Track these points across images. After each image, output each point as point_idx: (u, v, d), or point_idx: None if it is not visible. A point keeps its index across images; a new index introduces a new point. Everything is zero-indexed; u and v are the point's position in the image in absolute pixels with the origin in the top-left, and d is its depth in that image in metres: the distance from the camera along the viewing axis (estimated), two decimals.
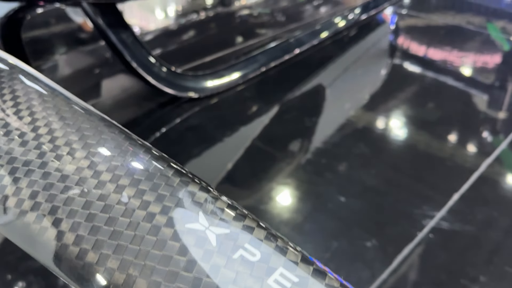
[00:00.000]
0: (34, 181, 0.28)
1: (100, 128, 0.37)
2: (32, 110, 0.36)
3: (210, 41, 1.79)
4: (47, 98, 0.39)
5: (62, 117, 0.35)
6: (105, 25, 1.14)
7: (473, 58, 1.68)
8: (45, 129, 0.33)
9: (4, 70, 0.40)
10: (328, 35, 1.67)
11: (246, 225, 0.24)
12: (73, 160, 0.30)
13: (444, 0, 2.39)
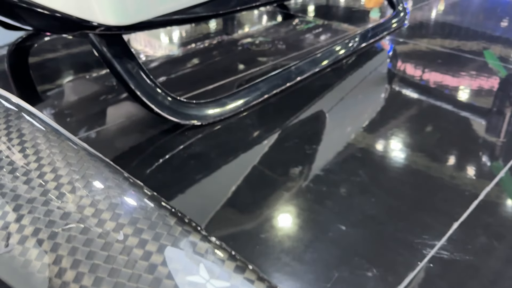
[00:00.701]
0: (37, 218, 0.29)
1: (91, 164, 0.39)
2: (36, 149, 0.37)
3: (213, 68, 1.83)
4: (48, 138, 0.41)
5: (62, 157, 0.37)
6: (111, 55, 1.17)
7: (471, 84, 1.71)
8: (46, 168, 0.35)
9: (8, 109, 0.42)
10: (327, 63, 1.70)
11: (247, 277, 0.25)
12: (72, 199, 0.31)
13: (441, 27, 2.44)
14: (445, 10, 2.82)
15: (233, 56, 1.97)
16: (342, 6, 2.82)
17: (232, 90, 1.55)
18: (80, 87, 1.67)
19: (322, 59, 1.70)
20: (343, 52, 1.80)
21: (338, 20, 2.50)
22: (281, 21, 2.45)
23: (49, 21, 1.13)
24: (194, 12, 1.25)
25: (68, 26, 1.14)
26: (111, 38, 1.19)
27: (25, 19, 1.17)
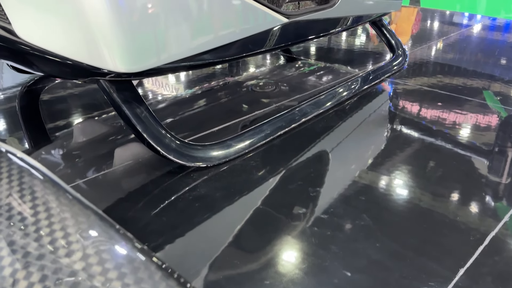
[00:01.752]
0: (31, 273, 0.30)
1: (84, 218, 0.41)
2: (33, 203, 0.39)
3: (219, 109, 1.87)
4: (46, 192, 0.42)
5: (57, 212, 0.39)
6: (120, 100, 1.21)
7: (471, 125, 1.74)
8: (43, 223, 0.36)
9: (11, 163, 0.44)
10: (330, 105, 1.75)
11: None
12: (65, 253, 0.32)
13: (440, 68, 2.51)
14: (444, 51, 2.90)
15: (238, 97, 2.02)
16: (343, 49, 2.91)
17: (236, 131, 1.58)
18: (89, 128, 1.71)
19: (325, 101, 1.74)
20: (345, 95, 1.84)
21: (339, 62, 2.57)
22: (284, 63, 2.52)
23: (60, 67, 1.17)
24: (202, 58, 1.30)
25: (78, 72, 1.18)
26: (121, 83, 1.23)
27: (36, 66, 1.22)
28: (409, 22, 3.90)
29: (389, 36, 2.20)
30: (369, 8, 1.92)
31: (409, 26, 3.75)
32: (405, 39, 3.26)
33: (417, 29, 3.73)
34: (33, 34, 1.03)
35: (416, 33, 3.55)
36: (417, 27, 3.79)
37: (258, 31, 1.41)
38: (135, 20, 1.05)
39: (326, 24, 1.77)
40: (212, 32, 1.25)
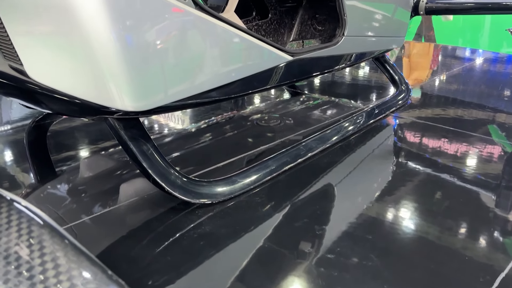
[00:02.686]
0: None
1: (76, 265, 0.41)
2: (30, 249, 0.40)
3: (224, 144, 1.89)
4: (42, 239, 0.43)
5: (51, 258, 0.39)
6: (127, 137, 1.23)
7: (476, 159, 1.73)
8: (37, 269, 0.37)
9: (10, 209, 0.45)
10: (335, 140, 1.76)
11: None
12: None
13: (444, 103, 2.53)
14: (448, 85, 2.93)
15: (243, 131, 2.04)
16: (346, 82, 2.95)
17: (242, 166, 1.59)
18: (95, 163, 1.73)
19: (330, 137, 1.75)
20: (349, 130, 1.85)
21: (343, 96, 2.60)
22: (289, 97, 2.56)
23: (68, 106, 1.20)
24: (209, 96, 1.32)
25: (87, 111, 1.20)
26: (128, 121, 1.25)
27: (45, 104, 1.25)
28: (425, 57, 3.95)
29: (392, 71, 2.24)
30: (371, 45, 1.96)
31: (425, 62, 3.80)
32: (419, 73, 3.31)
33: (429, 64, 3.79)
34: (43, 74, 1.06)
35: (427, 67, 3.61)
36: (430, 62, 3.85)
37: (264, 69, 1.44)
38: (143, 61, 1.08)
39: (330, 61, 1.81)
40: (218, 70, 1.28)
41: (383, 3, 1.92)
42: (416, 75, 3.28)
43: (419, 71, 3.45)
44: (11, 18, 0.99)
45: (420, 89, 2.72)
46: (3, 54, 1.06)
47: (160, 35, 1.10)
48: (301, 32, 2.26)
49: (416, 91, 2.63)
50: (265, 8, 2.20)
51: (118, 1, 0.99)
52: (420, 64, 3.74)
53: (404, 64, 3.65)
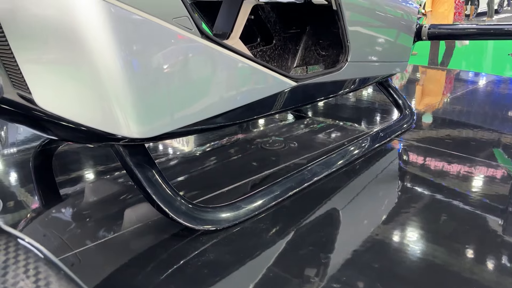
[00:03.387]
0: None
1: None
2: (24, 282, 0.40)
3: (229, 167, 1.89)
4: (39, 271, 0.43)
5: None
6: (132, 164, 1.24)
7: (481, 183, 1.72)
8: None
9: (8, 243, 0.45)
10: (339, 165, 1.75)
11: None
12: None
13: (448, 125, 2.53)
14: (452, 107, 2.94)
15: (248, 155, 2.05)
16: (350, 105, 2.97)
17: (246, 191, 1.59)
18: (100, 187, 1.73)
19: (334, 161, 1.75)
20: (354, 154, 1.85)
21: (347, 120, 2.61)
22: (293, 121, 2.57)
23: (75, 133, 1.21)
24: (214, 122, 1.33)
25: (93, 138, 1.22)
26: (134, 147, 1.26)
27: (51, 131, 1.26)
28: (430, 81, 3.96)
29: (395, 96, 2.25)
30: (375, 70, 1.98)
31: (430, 85, 3.81)
32: (423, 96, 3.33)
33: (435, 87, 3.81)
34: (51, 102, 1.08)
35: (432, 91, 3.62)
36: (435, 85, 3.87)
37: (268, 94, 1.46)
38: (149, 89, 1.09)
39: (334, 87, 1.82)
40: (223, 96, 1.29)
41: (386, 29, 1.95)
42: (421, 98, 3.29)
43: (423, 94, 3.47)
44: (20, 47, 1.01)
45: (424, 112, 2.72)
46: (12, 83, 1.08)
47: (166, 63, 1.12)
48: (305, 58, 2.29)
49: (420, 114, 2.63)
50: (270, 35, 2.24)
51: (125, 30, 1.02)
52: (425, 87, 3.76)
53: (408, 87, 3.66)
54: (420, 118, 2.54)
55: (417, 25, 2.15)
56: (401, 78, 3.86)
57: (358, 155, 1.87)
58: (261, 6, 2.08)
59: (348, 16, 1.67)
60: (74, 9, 0.97)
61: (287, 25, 2.27)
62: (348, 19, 1.67)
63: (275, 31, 2.25)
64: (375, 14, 1.85)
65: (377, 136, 2.01)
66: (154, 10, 1.07)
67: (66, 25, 0.98)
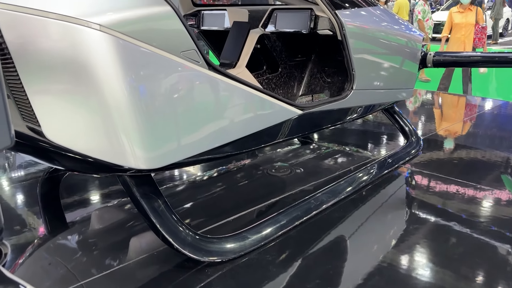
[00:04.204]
0: None
1: None
2: None
3: (235, 195, 1.88)
4: None
5: None
6: (139, 194, 1.24)
7: (489, 210, 1.70)
8: None
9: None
10: (346, 193, 1.74)
11: None
12: None
13: (456, 151, 2.51)
14: (459, 134, 2.93)
15: (254, 181, 2.04)
16: (356, 130, 2.96)
17: (252, 219, 1.58)
18: (106, 214, 1.73)
19: (340, 190, 1.74)
20: (360, 182, 1.85)
21: (354, 145, 2.61)
22: (299, 146, 2.57)
23: (82, 164, 1.22)
24: (220, 151, 1.34)
25: (100, 169, 1.23)
26: (140, 178, 1.27)
27: (58, 162, 1.27)
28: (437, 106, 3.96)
29: (402, 122, 2.25)
30: (380, 97, 1.99)
31: (438, 110, 3.81)
32: (431, 122, 3.33)
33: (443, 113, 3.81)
34: (60, 135, 1.09)
35: (439, 116, 3.62)
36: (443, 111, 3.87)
37: (274, 123, 1.47)
38: (156, 121, 1.11)
39: (339, 114, 1.83)
40: (230, 126, 1.30)
41: (390, 57, 1.97)
42: (428, 123, 3.29)
43: (430, 119, 3.46)
44: (31, 80, 1.04)
45: (430, 137, 2.72)
46: (22, 116, 1.10)
47: (174, 96, 1.14)
48: (311, 85, 2.31)
49: (427, 141, 2.62)
50: (275, 62, 2.27)
51: (134, 64, 1.04)
52: (432, 112, 3.76)
53: (416, 112, 3.67)
54: (427, 143, 2.53)
55: (422, 53, 2.17)
56: (412, 103, 3.86)
57: (365, 183, 1.86)
58: (267, 35, 2.11)
59: (353, 46, 1.69)
60: (84, 43, 0.99)
61: (292, 53, 2.31)
62: (353, 49, 1.70)
63: (281, 59, 2.29)
64: (379, 43, 1.87)
65: (384, 163, 2.00)
66: (163, 44, 1.10)
67: (76, 59, 1.00)
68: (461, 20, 4.33)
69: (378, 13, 1.91)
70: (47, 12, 0.97)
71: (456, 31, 4.39)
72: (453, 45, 4.46)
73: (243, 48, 1.93)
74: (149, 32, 1.08)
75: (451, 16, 4.43)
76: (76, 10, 0.99)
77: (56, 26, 0.98)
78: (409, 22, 3.31)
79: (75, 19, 0.98)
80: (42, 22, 0.98)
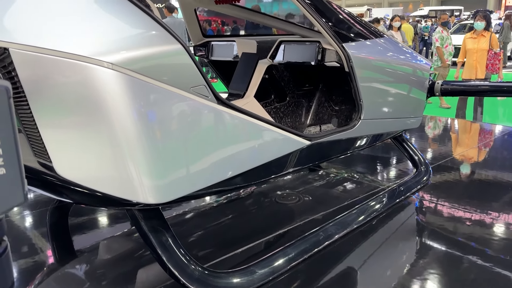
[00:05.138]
0: None
1: None
2: None
3: (243, 224, 1.87)
4: None
5: None
6: (147, 228, 1.24)
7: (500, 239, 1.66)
8: None
9: None
10: (355, 224, 1.73)
11: None
12: None
13: (468, 180, 2.48)
14: (471, 161, 2.90)
15: (262, 209, 2.03)
16: (364, 156, 2.95)
17: (260, 250, 1.56)
18: (114, 244, 1.73)
19: (350, 221, 1.73)
20: (369, 213, 1.83)
21: (363, 172, 2.59)
22: (307, 172, 2.56)
23: (90, 198, 1.23)
24: (229, 184, 1.34)
25: (109, 203, 1.23)
26: (149, 211, 1.27)
27: (67, 195, 1.29)
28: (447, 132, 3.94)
29: (411, 151, 2.24)
30: (389, 126, 1.99)
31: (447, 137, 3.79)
32: (440, 149, 3.31)
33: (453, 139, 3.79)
34: (70, 171, 1.11)
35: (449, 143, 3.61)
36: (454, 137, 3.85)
37: (282, 154, 1.47)
38: (166, 156, 1.12)
39: (347, 144, 1.83)
40: (238, 158, 1.31)
41: (398, 87, 1.98)
42: (439, 150, 3.27)
43: (442, 146, 3.45)
44: (44, 117, 1.06)
45: (441, 165, 2.69)
46: (34, 152, 1.12)
47: (184, 131, 1.15)
48: (318, 113, 2.32)
49: (436, 170, 2.60)
50: (283, 92, 2.29)
51: (144, 101, 1.06)
52: (445, 139, 3.75)
53: (427, 139, 3.65)
54: (437, 170, 2.51)
55: (429, 81, 2.18)
56: (425, 129, 3.86)
57: (374, 215, 1.84)
58: (275, 66, 2.14)
59: (360, 77, 1.71)
60: (97, 81, 1.02)
61: (300, 83, 2.33)
62: (360, 80, 1.71)
63: (288, 88, 2.31)
64: (386, 73, 1.89)
65: (393, 193, 1.99)
66: (173, 80, 1.12)
67: (89, 96, 1.02)
68: (473, 46, 4.35)
69: (384, 44, 1.93)
70: (61, 52, 1.00)
71: (469, 57, 4.40)
72: (465, 71, 4.48)
73: (251, 79, 1.95)
74: (160, 69, 1.10)
75: (464, 42, 4.46)
76: (89, 49, 1.01)
77: (70, 65, 1.00)
78: (416, 43, 3.25)
79: (89, 58, 1.00)
80: (57, 61, 1.01)
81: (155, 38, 1.14)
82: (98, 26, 1.08)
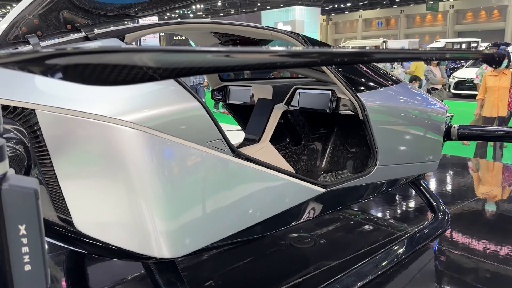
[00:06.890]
0: None
1: None
2: None
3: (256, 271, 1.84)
4: None
5: None
6: (162, 283, 1.25)
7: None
8: None
9: None
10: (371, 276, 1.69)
11: None
12: None
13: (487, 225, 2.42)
14: (490, 202, 2.82)
15: (276, 254, 2.01)
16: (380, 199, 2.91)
17: None
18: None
19: (366, 272, 1.69)
20: (386, 263, 1.79)
21: (379, 214, 2.55)
22: None
23: (105, 251, 1.25)
24: (244, 235, 1.34)
25: (125, 256, 1.25)
26: (164, 264, 1.28)
27: (83, 247, 1.31)
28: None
29: (429, 196, 2.21)
30: (405, 171, 1.97)
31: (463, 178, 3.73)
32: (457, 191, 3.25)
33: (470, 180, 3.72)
34: (89, 226, 1.13)
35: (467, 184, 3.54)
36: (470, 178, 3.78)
37: (297, 203, 1.47)
38: (182, 211, 1.14)
39: (363, 191, 1.82)
40: (253, 209, 1.32)
41: (414, 132, 1.97)
42: (458, 193, 3.21)
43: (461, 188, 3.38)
44: (65, 174, 1.09)
45: (459, 210, 2.63)
46: (55, 207, 1.15)
47: (201, 185, 1.17)
48: (334, 157, 2.32)
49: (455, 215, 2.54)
50: (298, 136, 2.32)
51: (164, 157, 1.09)
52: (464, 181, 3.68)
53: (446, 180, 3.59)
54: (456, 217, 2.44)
55: (446, 125, 2.17)
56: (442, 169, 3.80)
57: (390, 265, 1.80)
58: (290, 111, 2.18)
59: (375, 124, 1.72)
60: (119, 139, 1.05)
61: (315, 127, 2.35)
62: (375, 127, 1.72)
63: (303, 132, 2.33)
64: (401, 119, 1.89)
65: (411, 241, 1.95)
66: (191, 136, 1.15)
67: (111, 154, 1.06)
68: (494, 84, 4.31)
69: (398, 90, 1.95)
70: (85, 113, 1.05)
71: (489, 94, 4.36)
72: (486, 108, 4.43)
73: (267, 124, 1.98)
74: (178, 126, 1.14)
75: (485, 80, 4.43)
76: (111, 110, 1.06)
77: (93, 125, 1.05)
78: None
79: (111, 118, 1.04)
80: (80, 121, 1.05)
81: (173, 96, 1.18)
82: (118, 87, 1.12)
